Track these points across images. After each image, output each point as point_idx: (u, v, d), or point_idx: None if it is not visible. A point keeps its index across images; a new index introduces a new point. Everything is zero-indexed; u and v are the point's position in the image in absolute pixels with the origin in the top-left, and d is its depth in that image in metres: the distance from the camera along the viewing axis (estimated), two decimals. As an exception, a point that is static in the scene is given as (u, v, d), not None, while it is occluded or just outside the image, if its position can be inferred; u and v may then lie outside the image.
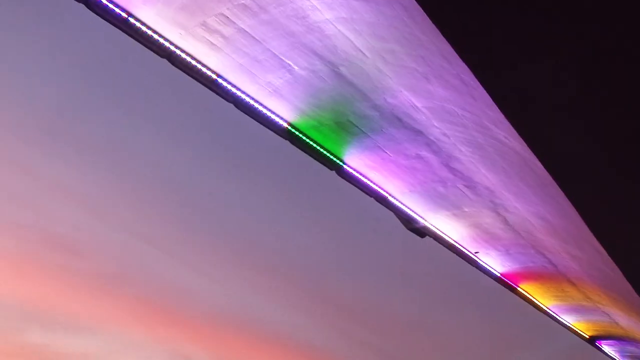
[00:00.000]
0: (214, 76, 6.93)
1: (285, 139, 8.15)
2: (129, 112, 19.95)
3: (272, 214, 23.96)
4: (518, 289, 13.30)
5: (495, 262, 11.70)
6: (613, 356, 21.97)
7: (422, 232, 9.66)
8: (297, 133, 8.07)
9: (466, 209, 9.35)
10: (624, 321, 16.04)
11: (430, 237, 9.94)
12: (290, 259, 25.11)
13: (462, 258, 10.99)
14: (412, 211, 9.42)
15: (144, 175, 21.28)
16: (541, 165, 6.48)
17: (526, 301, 14.36)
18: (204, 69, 6.84)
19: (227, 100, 7.31)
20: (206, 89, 7.13)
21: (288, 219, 24.23)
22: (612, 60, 5.08)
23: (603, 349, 20.39)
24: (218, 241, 23.18)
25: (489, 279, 12.27)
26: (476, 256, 11.10)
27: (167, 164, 21.63)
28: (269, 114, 7.59)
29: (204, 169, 21.67)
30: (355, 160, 8.87)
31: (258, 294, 24.51)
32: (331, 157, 8.53)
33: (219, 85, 7.06)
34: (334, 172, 8.89)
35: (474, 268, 11.58)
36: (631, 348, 20.32)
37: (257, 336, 24.59)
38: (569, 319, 16.63)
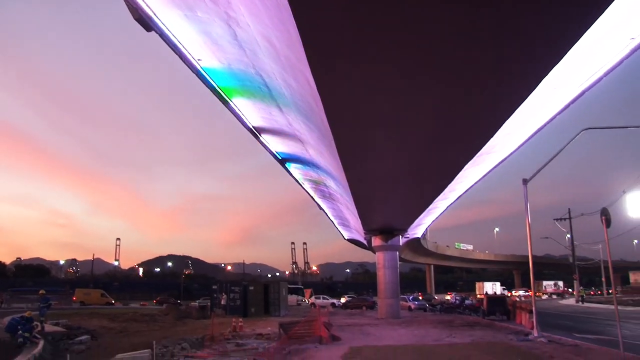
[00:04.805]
0: None
1: None
2: None
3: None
4: (231, 103, 13.83)
5: (215, 74, 11.78)
6: (297, 178, 25.45)
7: (149, 25, 8.97)
8: None
9: (200, 14, 8.99)
10: (312, 150, 18.44)
11: (157, 33, 9.33)
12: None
13: (185, 62, 10.73)
14: (143, 0, 8.60)
15: None
16: (281, -14, 6.46)
17: (237, 118, 15.14)
18: None
19: None
20: None
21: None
22: None
23: (291, 170, 23.37)
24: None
25: (208, 90, 12.39)
26: (199, 63, 10.97)
27: None
28: None
29: None
30: None
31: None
32: None
33: None
34: None
35: (195, 76, 11.47)
36: (312, 173, 23.78)
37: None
38: (269, 140, 18.30)
